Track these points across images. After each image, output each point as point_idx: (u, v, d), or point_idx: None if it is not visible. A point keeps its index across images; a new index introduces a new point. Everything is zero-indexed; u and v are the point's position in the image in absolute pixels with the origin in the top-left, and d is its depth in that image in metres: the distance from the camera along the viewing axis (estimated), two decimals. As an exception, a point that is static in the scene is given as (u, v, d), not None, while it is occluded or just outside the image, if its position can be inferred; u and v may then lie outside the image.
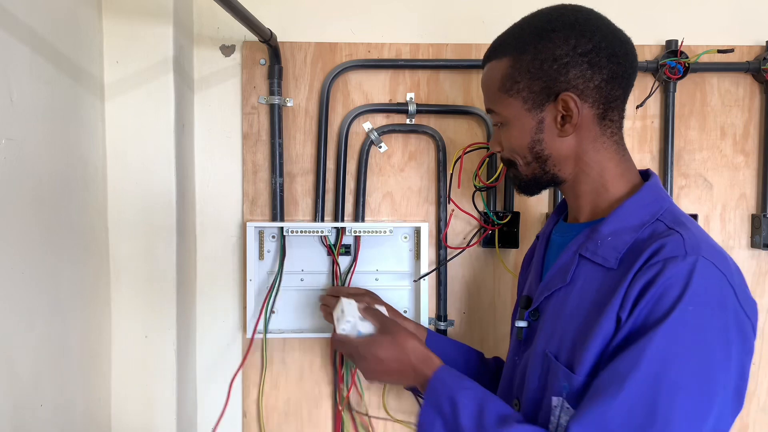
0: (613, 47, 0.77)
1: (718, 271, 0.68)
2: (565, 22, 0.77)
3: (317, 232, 1.17)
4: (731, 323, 0.67)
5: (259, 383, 1.18)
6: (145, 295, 1.09)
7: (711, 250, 0.69)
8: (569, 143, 0.80)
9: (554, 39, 0.76)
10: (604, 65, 0.76)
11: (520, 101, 0.80)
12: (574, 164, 0.81)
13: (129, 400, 1.10)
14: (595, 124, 0.79)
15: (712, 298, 0.66)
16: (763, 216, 1.21)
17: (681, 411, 0.64)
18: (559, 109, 0.77)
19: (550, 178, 0.83)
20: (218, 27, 1.20)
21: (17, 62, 0.80)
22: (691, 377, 0.65)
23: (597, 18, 0.79)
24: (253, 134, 1.21)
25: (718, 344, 0.66)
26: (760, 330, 1.25)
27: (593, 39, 0.76)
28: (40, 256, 0.86)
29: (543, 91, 0.78)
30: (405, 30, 1.22)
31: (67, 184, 0.94)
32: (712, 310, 0.66)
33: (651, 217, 0.76)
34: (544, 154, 0.81)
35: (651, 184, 0.80)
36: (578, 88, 0.76)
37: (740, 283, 0.71)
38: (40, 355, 0.87)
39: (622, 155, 0.82)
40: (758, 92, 1.23)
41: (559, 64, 0.76)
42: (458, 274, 1.24)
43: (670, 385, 0.64)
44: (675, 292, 0.66)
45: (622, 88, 0.79)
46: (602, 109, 0.78)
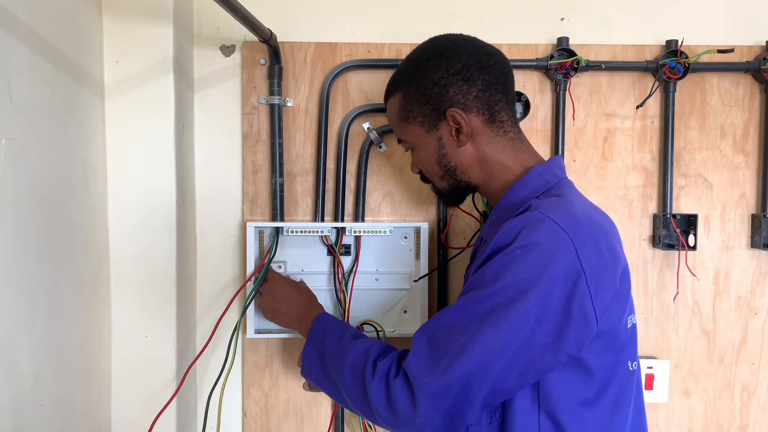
0: (481, 61, 0.88)
1: (554, 223, 0.75)
2: (435, 50, 0.90)
3: (317, 232, 1.17)
4: (560, 272, 0.73)
5: (223, 381, 1.11)
6: (145, 295, 1.09)
7: (552, 209, 0.77)
8: (469, 151, 0.90)
9: (429, 67, 0.89)
10: (477, 77, 0.87)
11: (418, 126, 0.92)
12: (479, 168, 0.91)
13: (129, 400, 1.10)
14: (485, 129, 0.89)
15: (540, 245, 0.74)
16: (763, 216, 1.21)
17: (487, 331, 0.73)
18: (451, 124, 0.88)
19: (465, 185, 0.93)
20: (218, 27, 1.20)
21: (17, 62, 0.80)
22: (500, 307, 0.73)
23: (463, 40, 0.91)
24: (253, 134, 1.21)
25: (541, 286, 0.73)
26: (759, 330, 1.25)
27: (461, 58, 0.87)
28: (40, 256, 0.86)
29: (433, 113, 0.89)
30: (405, 30, 1.22)
31: (67, 184, 0.94)
32: (539, 255, 0.73)
33: (533, 194, 0.86)
34: (451, 166, 0.91)
35: (539, 167, 0.87)
36: (460, 102, 0.87)
37: (587, 241, 0.75)
38: (40, 354, 0.87)
39: (517, 149, 0.90)
40: (758, 92, 1.23)
41: (438, 86, 0.88)
42: (458, 274, 1.24)
43: (485, 309, 0.74)
44: (508, 239, 0.76)
45: (500, 92, 0.89)
46: (488, 114, 0.88)
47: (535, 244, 0.74)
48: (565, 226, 0.75)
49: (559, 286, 0.73)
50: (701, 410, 1.26)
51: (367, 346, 0.86)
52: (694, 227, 1.21)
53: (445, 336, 0.76)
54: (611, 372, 0.80)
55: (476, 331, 0.74)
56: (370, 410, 0.80)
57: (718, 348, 1.25)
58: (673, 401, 1.26)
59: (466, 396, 0.74)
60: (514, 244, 0.75)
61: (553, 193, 0.84)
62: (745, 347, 1.25)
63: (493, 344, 0.73)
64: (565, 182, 0.88)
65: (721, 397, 1.26)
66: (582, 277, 0.74)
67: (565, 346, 0.74)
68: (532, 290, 0.73)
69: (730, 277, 1.24)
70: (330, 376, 0.89)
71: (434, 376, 0.74)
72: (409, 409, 0.76)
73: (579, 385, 0.78)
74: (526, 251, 0.74)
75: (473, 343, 0.74)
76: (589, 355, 0.77)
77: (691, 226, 1.21)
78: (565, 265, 0.73)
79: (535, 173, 0.87)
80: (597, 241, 0.77)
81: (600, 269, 0.75)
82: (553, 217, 0.75)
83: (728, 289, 1.25)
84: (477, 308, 0.75)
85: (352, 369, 0.84)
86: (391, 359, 0.81)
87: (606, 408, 0.80)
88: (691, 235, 1.22)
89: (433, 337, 0.77)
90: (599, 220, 0.81)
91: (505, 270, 0.75)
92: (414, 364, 0.76)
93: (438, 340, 0.77)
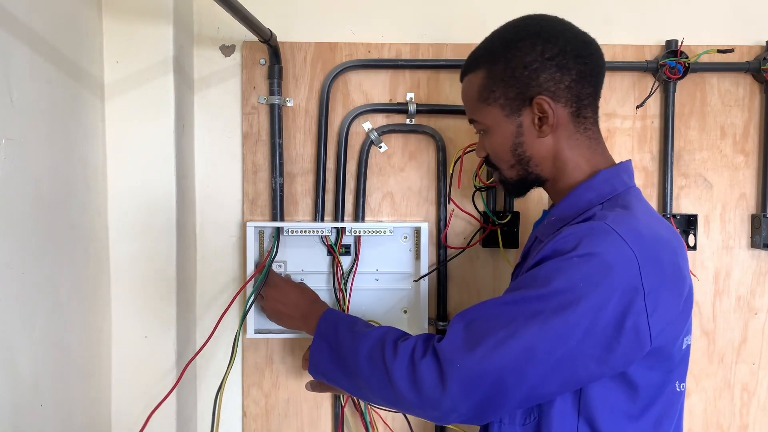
0: (578, 49, 0.82)
1: (618, 236, 0.72)
2: (530, 30, 0.83)
3: (317, 232, 1.17)
4: (619, 285, 0.70)
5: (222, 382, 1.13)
6: (145, 295, 1.09)
7: (618, 222, 0.74)
8: (548, 143, 0.84)
9: (522, 47, 0.82)
10: (572, 66, 0.82)
11: (498, 108, 0.85)
12: (553, 163, 0.86)
13: (129, 400, 1.10)
14: (570, 122, 0.84)
15: (601, 256, 0.71)
16: (763, 216, 1.21)
17: (530, 330, 0.71)
18: (535, 112, 0.83)
19: (534, 178, 0.88)
20: (218, 27, 1.20)
21: (17, 62, 0.80)
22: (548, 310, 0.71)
23: (560, 24, 0.85)
24: (253, 134, 1.21)
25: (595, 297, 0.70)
26: (760, 330, 1.25)
27: (558, 43, 0.81)
28: (41, 256, 0.86)
29: (518, 97, 0.83)
30: (405, 30, 1.22)
31: (67, 184, 0.94)
32: (599, 266, 0.71)
33: (598, 199, 0.81)
34: (526, 156, 0.86)
35: (608, 170, 0.84)
36: (550, 90, 0.82)
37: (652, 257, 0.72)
38: (40, 355, 0.87)
39: (593, 150, 0.86)
40: (758, 92, 1.23)
41: (529, 70, 0.82)
42: (458, 274, 1.24)
43: (532, 309, 0.72)
44: (568, 245, 0.73)
45: (592, 86, 0.84)
46: (575, 107, 0.83)
47: (596, 255, 0.71)
48: (630, 241, 0.72)
49: (614, 300, 0.70)
50: (701, 410, 1.26)
51: (383, 332, 0.84)
52: (694, 227, 1.21)
53: (485, 325, 0.73)
54: (658, 390, 0.78)
55: (519, 328, 0.71)
56: (393, 392, 0.77)
57: (718, 348, 1.25)
58: (673, 401, 1.26)
59: (500, 390, 0.72)
60: (574, 251, 0.72)
61: (620, 203, 0.80)
62: (745, 347, 1.25)
63: (534, 346, 0.70)
64: (632, 191, 0.84)
65: (721, 397, 1.26)
66: (640, 294, 0.71)
67: (612, 360, 0.71)
68: (585, 300, 0.70)
69: (730, 277, 1.24)
70: (344, 367, 0.86)
71: (468, 359, 0.72)
72: (437, 390, 0.73)
73: (623, 399, 0.76)
74: (585, 260, 0.71)
75: (514, 339, 0.71)
76: (636, 371, 0.75)
77: (691, 226, 1.21)
78: (624, 280, 0.71)
79: (603, 177, 0.83)
80: (661, 259, 0.74)
81: (662, 288, 0.72)
82: (618, 231, 0.72)
83: (728, 289, 1.25)
84: (523, 307, 0.72)
85: (369, 355, 0.81)
86: (414, 340, 0.79)
87: (648, 426, 0.77)
88: (691, 235, 1.22)
89: (472, 324, 0.75)
90: (667, 237, 0.77)
91: (559, 275, 0.72)
92: (448, 345, 0.74)
93: (477, 328, 0.74)
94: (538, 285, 0.73)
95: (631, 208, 0.78)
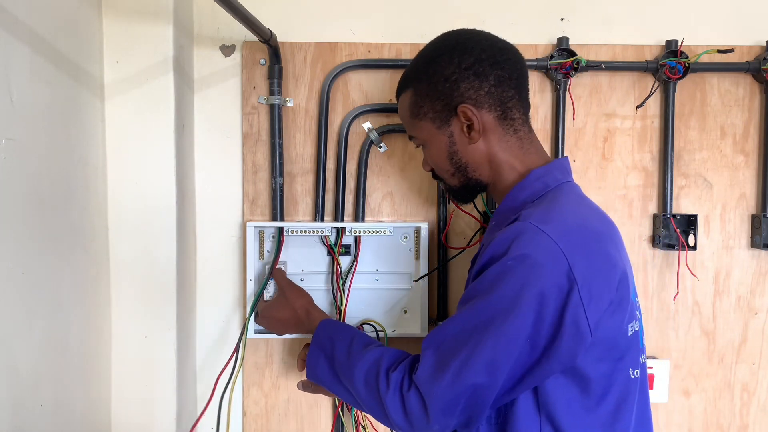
0: (493, 56, 0.86)
1: (545, 235, 0.75)
2: (447, 45, 0.89)
3: (317, 232, 1.17)
4: (551, 283, 0.73)
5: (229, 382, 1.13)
6: (145, 295, 1.09)
7: (542, 220, 0.76)
8: (480, 148, 0.88)
9: (441, 62, 0.87)
10: (489, 72, 0.85)
11: (429, 122, 0.90)
12: (489, 166, 0.89)
13: (129, 400, 1.10)
14: (497, 126, 0.87)
15: (530, 257, 0.74)
16: (763, 216, 1.21)
17: (486, 342, 0.75)
18: (462, 120, 0.87)
19: (475, 183, 0.92)
20: (218, 27, 1.20)
21: (17, 62, 0.80)
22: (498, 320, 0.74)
23: (477, 34, 0.89)
24: (253, 134, 1.21)
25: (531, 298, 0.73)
26: (759, 330, 1.25)
27: (474, 53, 0.86)
28: (40, 256, 0.86)
29: (444, 109, 0.88)
30: (405, 30, 1.21)
31: (67, 184, 0.94)
32: (529, 267, 0.74)
33: (531, 197, 0.85)
34: (462, 163, 0.90)
35: (539, 169, 0.87)
36: (472, 98, 0.86)
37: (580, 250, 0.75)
38: (40, 354, 0.87)
39: (525, 149, 0.89)
40: (758, 92, 1.23)
41: (450, 81, 0.86)
42: (458, 274, 1.24)
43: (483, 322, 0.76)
44: (499, 251, 0.76)
45: (513, 89, 0.88)
46: (500, 110, 0.87)
47: (526, 256, 0.74)
48: (555, 236, 0.74)
49: (551, 297, 0.73)
50: (701, 410, 1.26)
51: (377, 356, 0.86)
52: (694, 227, 1.21)
53: (449, 347, 0.78)
54: (609, 380, 0.79)
55: (477, 343, 0.75)
56: (388, 420, 0.83)
57: (718, 348, 1.25)
58: (673, 401, 1.26)
59: (477, 403, 0.77)
60: (506, 255, 0.75)
61: (547, 199, 0.83)
62: (745, 347, 1.25)
63: (495, 357, 0.74)
64: (564, 186, 0.86)
65: (721, 397, 1.26)
66: (574, 288, 0.73)
67: (559, 356, 0.74)
68: (525, 302, 0.73)
69: (730, 277, 1.24)
70: (342, 383, 0.90)
71: (442, 388, 0.76)
72: (423, 418, 0.79)
73: (576, 392, 0.78)
74: (518, 263, 0.74)
75: (475, 356, 0.75)
76: (584, 363, 0.77)
77: (691, 226, 1.21)
78: (556, 276, 0.73)
79: (535, 176, 0.86)
80: (589, 249, 0.76)
81: (593, 278, 0.75)
82: (542, 228, 0.75)
83: (728, 289, 1.25)
84: (475, 320, 0.77)
85: (365, 380, 0.85)
86: (402, 370, 0.83)
87: (607, 415, 0.79)
88: (691, 235, 1.22)
89: (439, 349, 0.79)
90: (594, 226, 0.80)
91: (498, 281, 0.76)
92: (423, 378, 0.79)
93: (443, 352, 0.78)
94: (484, 294, 0.77)
95: (557, 201, 0.81)
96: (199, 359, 1.23)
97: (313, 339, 0.97)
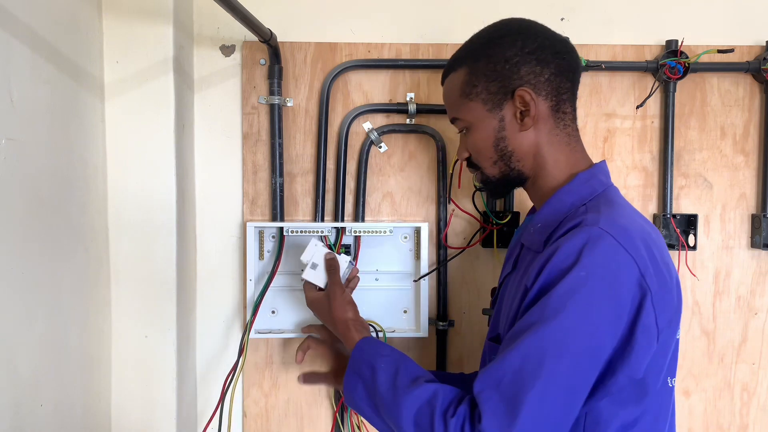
0: (555, 45, 0.85)
1: (614, 240, 0.72)
2: (510, 28, 0.87)
3: (317, 232, 1.17)
4: (626, 291, 0.71)
5: (231, 383, 1.13)
6: (145, 295, 1.09)
7: (610, 224, 0.73)
8: (529, 137, 0.85)
9: (503, 43, 0.84)
10: (550, 60, 0.83)
11: (480, 104, 0.86)
12: (534, 159, 0.86)
13: (129, 400, 1.10)
14: (550, 117, 0.85)
15: (604, 265, 0.71)
16: (763, 216, 1.21)
17: (565, 367, 0.69)
18: (517, 105, 0.84)
19: (516, 175, 0.88)
20: (218, 27, 1.20)
21: (17, 62, 0.80)
22: (579, 338, 0.69)
23: (537, 24, 0.88)
24: (253, 134, 1.21)
25: (608, 309, 0.70)
26: (760, 330, 1.25)
27: (537, 39, 0.84)
28: (40, 256, 0.86)
29: (500, 91, 0.84)
30: (405, 30, 1.22)
31: (67, 184, 0.94)
32: (603, 276, 0.70)
33: (580, 201, 0.81)
34: (508, 150, 0.86)
35: (586, 172, 0.84)
36: (531, 83, 0.83)
37: (645, 256, 0.73)
38: (40, 355, 0.87)
39: (572, 147, 0.87)
40: (758, 92, 1.23)
41: (510, 63, 0.83)
42: (458, 274, 1.24)
43: (557, 344, 0.69)
44: (569, 261, 0.71)
45: (570, 81, 0.86)
46: (554, 101, 0.84)
47: (599, 266, 0.70)
48: (624, 243, 0.72)
49: (627, 308, 0.71)
50: (701, 410, 1.26)
51: (430, 395, 0.76)
52: (694, 227, 1.21)
53: (517, 384, 0.69)
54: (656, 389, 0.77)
55: (553, 371, 0.68)
56: None
57: (718, 348, 1.25)
58: (673, 401, 1.26)
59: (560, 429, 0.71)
60: (577, 267, 0.70)
61: (602, 202, 0.79)
62: (745, 347, 1.25)
63: (574, 383, 0.69)
64: (611, 189, 0.84)
65: (721, 397, 1.26)
66: (647, 296, 0.71)
67: (630, 368, 0.72)
68: (603, 317, 0.70)
69: (730, 277, 1.24)
70: (384, 419, 0.82)
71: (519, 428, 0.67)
72: None
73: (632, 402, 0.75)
74: (592, 274, 0.70)
75: (553, 386, 0.68)
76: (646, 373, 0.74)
77: (691, 226, 1.21)
78: (630, 285, 0.71)
79: (582, 180, 0.83)
80: (653, 256, 0.74)
81: (660, 286, 0.73)
82: (612, 234, 0.72)
83: (728, 289, 1.25)
84: (546, 346, 0.69)
85: (415, 423, 0.75)
86: (462, 416, 0.72)
87: (647, 425, 0.77)
88: (691, 235, 1.22)
89: (504, 390, 0.70)
90: (650, 234, 0.77)
91: (570, 299, 0.70)
92: (492, 425, 0.68)
93: (510, 392, 0.69)
94: (553, 315, 0.70)
95: (614, 207, 0.79)
96: (199, 359, 1.23)
97: (351, 363, 0.88)
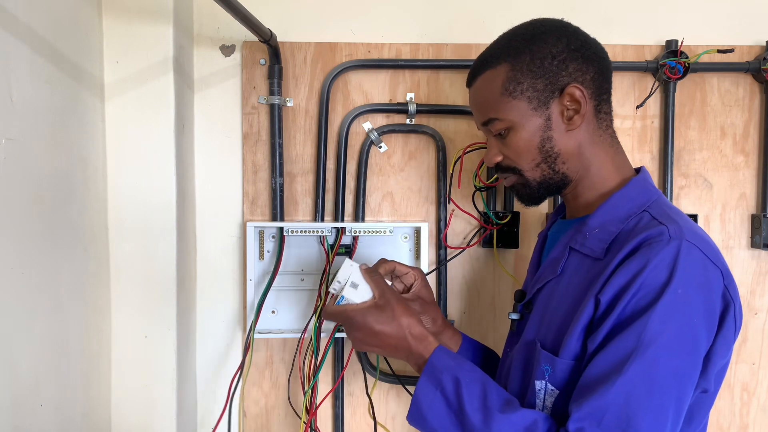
0: (596, 46, 0.83)
1: (701, 253, 0.71)
2: (552, 24, 0.83)
3: (317, 232, 1.17)
4: (717, 304, 0.71)
5: (239, 382, 1.14)
6: (145, 295, 1.09)
7: (693, 235, 0.72)
8: (575, 138, 0.81)
9: (548, 39, 0.81)
10: (594, 59, 0.81)
11: (525, 102, 0.81)
12: (579, 161, 0.83)
13: (129, 400, 1.10)
14: (593, 117, 0.82)
15: (697, 280, 0.70)
16: (763, 216, 1.21)
17: (675, 393, 0.68)
18: (565, 103, 0.80)
19: (560, 179, 0.83)
20: (218, 27, 1.20)
21: (17, 62, 0.80)
22: (684, 359, 0.69)
23: (572, 24, 0.86)
24: (253, 134, 1.21)
25: (703, 324, 0.70)
26: (760, 330, 1.25)
27: (580, 37, 0.82)
28: (40, 256, 0.86)
29: (546, 88, 0.80)
30: (405, 30, 1.22)
31: (67, 184, 0.94)
32: (698, 290, 0.69)
33: (638, 208, 0.78)
34: (554, 152, 0.82)
35: (639, 178, 0.83)
36: (578, 81, 0.80)
37: (726, 266, 0.74)
38: (40, 354, 0.87)
39: (616, 149, 0.85)
40: (758, 92, 1.23)
41: (558, 59, 0.80)
42: (458, 274, 1.24)
43: (665, 368, 0.67)
44: (663, 277, 0.69)
45: (608, 82, 0.84)
46: (597, 102, 0.82)
47: (693, 282, 0.69)
48: (711, 256, 0.71)
49: (715, 321, 0.71)
50: (701, 410, 1.26)
51: (529, 422, 0.72)
52: (694, 227, 1.21)
53: (624, 417, 0.66)
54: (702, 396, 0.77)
55: (662, 399, 0.67)
56: None
57: (718, 348, 1.25)
58: (673, 401, 1.26)
59: None
60: (673, 284, 0.68)
61: (667, 212, 0.77)
62: (745, 347, 1.25)
63: (680, 408, 0.69)
64: (663, 197, 0.82)
65: (721, 397, 1.26)
66: (730, 307, 0.72)
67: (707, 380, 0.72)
68: (701, 336, 0.69)
69: (730, 277, 1.24)
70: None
71: None
72: None
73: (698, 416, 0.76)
74: (687, 293, 0.68)
75: (662, 413, 0.67)
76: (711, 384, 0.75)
77: (691, 226, 1.21)
78: (718, 298, 0.71)
79: (636, 185, 0.81)
80: (726, 267, 0.74)
81: (737, 296, 0.74)
82: (700, 247, 0.71)
83: (728, 289, 1.25)
84: (652, 371, 0.67)
85: None
86: None
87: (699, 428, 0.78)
88: (691, 235, 1.21)
89: (607, 425, 0.66)
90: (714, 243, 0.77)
91: (671, 321, 0.68)
92: None
93: (615, 419, 0.66)
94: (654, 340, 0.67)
95: (680, 213, 0.78)
96: (199, 359, 1.23)
97: (428, 369, 0.80)
